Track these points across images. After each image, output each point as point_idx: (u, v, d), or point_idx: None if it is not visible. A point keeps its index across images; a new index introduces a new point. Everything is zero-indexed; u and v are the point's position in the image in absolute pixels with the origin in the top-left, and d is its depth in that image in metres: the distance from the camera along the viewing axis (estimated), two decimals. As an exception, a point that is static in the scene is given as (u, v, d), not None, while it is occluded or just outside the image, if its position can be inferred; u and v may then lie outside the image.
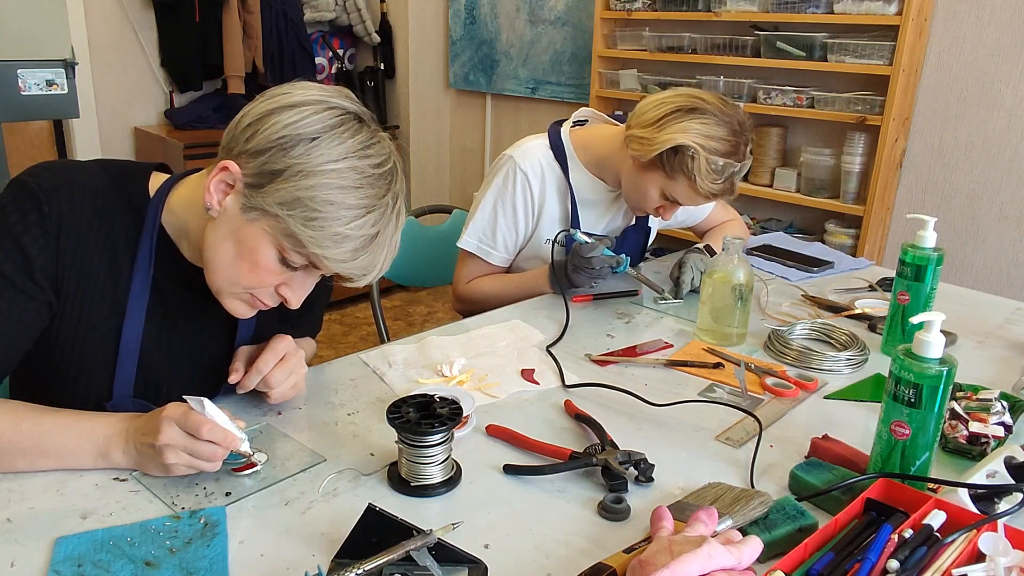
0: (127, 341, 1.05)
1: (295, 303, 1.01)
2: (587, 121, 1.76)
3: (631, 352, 1.36)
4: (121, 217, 1.03)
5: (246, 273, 0.97)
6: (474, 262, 1.73)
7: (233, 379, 1.08)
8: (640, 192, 1.58)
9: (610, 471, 0.95)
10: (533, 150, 1.67)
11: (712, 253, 1.71)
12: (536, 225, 1.69)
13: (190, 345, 1.12)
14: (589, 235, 1.55)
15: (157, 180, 1.08)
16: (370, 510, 0.81)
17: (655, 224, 1.83)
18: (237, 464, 0.97)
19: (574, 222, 1.67)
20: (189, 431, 0.89)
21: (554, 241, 1.62)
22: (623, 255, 1.54)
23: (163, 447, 0.89)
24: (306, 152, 0.92)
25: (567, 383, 1.23)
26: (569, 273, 1.54)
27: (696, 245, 1.75)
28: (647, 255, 1.96)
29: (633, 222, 1.78)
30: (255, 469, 0.97)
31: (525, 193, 1.66)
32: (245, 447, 0.93)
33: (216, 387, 1.15)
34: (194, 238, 1.04)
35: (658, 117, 1.50)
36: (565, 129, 1.71)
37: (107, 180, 1.04)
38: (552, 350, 1.35)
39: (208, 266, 1.01)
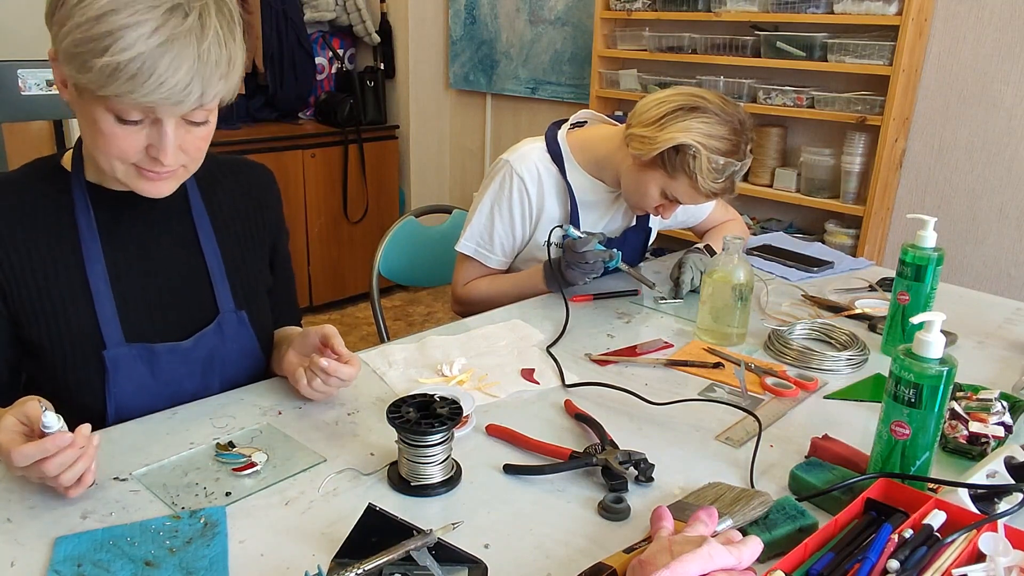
0: (97, 288, 1.07)
1: (167, 160, 0.98)
2: (586, 123, 1.76)
3: (631, 352, 1.36)
4: (45, 194, 1.08)
5: (104, 147, 0.97)
6: (472, 265, 1.73)
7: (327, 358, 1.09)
8: (640, 191, 1.58)
9: (610, 471, 0.95)
10: (529, 154, 1.67)
11: (712, 253, 1.71)
12: (535, 228, 1.69)
13: (165, 284, 1.14)
14: (582, 231, 1.55)
15: (69, 154, 1.12)
16: (370, 510, 0.81)
17: (655, 224, 1.83)
18: (237, 464, 0.97)
19: (574, 223, 1.67)
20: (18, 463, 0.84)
21: (548, 241, 1.62)
22: (615, 250, 1.54)
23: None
24: (63, 3, 0.90)
25: (567, 383, 1.23)
26: (564, 270, 1.54)
27: (696, 245, 1.75)
28: (647, 255, 1.96)
29: (633, 223, 1.78)
30: (255, 469, 0.97)
31: (522, 197, 1.66)
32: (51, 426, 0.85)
33: (207, 318, 1.16)
34: None
35: (659, 116, 1.50)
36: (562, 131, 1.71)
37: (19, 174, 1.10)
38: (552, 350, 1.35)
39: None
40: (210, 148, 1.06)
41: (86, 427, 0.86)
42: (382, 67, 4.07)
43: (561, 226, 1.55)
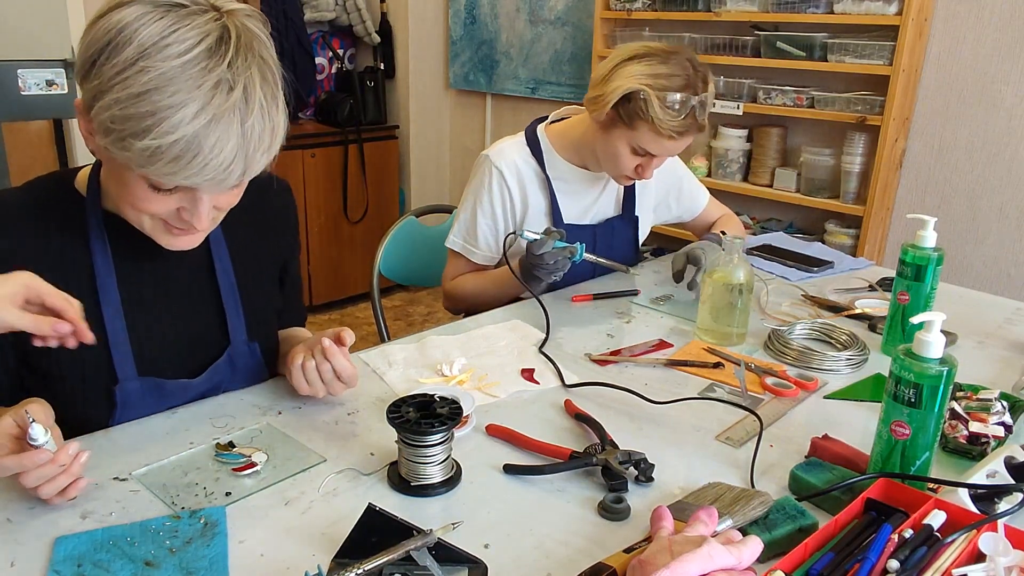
0: (111, 323, 1.05)
1: (201, 226, 0.95)
2: (572, 117, 1.76)
3: (631, 352, 1.36)
4: (59, 222, 1.03)
5: (132, 205, 0.94)
6: (460, 260, 1.75)
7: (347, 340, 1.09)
8: (612, 154, 1.58)
9: (610, 471, 0.95)
10: (508, 148, 1.69)
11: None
12: (522, 221, 1.69)
13: (178, 314, 1.12)
14: (537, 231, 1.51)
15: (84, 175, 1.07)
16: (370, 510, 0.81)
17: (643, 215, 1.82)
18: (237, 464, 0.97)
19: (555, 214, 1.68)
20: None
21: (504, 248, 1.62)
22: (576, 244, 1.51)
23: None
24: (99, 69, 0.84)
25: (569, 382, 1.23)
26: (531, 272, 1.52)
27: (710, 234, 1.74)
28: (646, 254, 1.96)
29: (621, 211, 1.78)
30: (255, 469, 0.97)
31: (502, 191, 1.67)
32: (41, 441, 0.85)
33: (219, 349, 1.15)
34: None
35: (605, 73, 1.52)
36: (542, 126, 1.73)
37: (30, 196, 1.04)
38: (552, 349, 1.35)
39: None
40: None
41: (73, 446, 0.85)
42: (382, 67, 4.06)
43: (514, 232, 1.53)
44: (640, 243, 1.87)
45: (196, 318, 1.14)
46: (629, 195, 1.78)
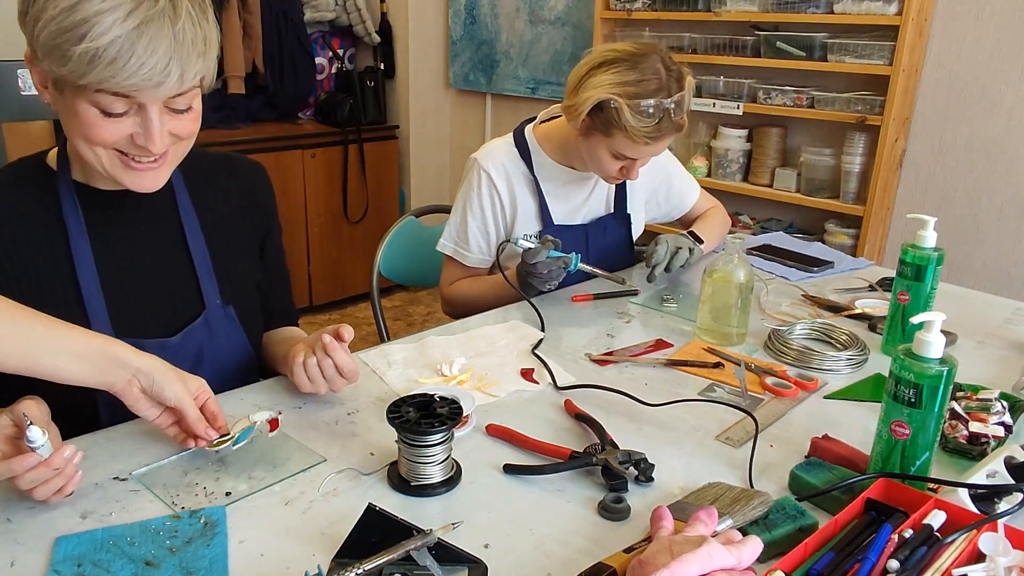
0: (87, 286, 1.08)
1: (155, 148, 0.99)
2: (561, 117, 1.76)
3: (631, 352, 1.36)
4: (32, 194, 1.09)
5: (86, 138, 0.97)
6: (454, 265, 1.75)
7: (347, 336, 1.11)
8: (594, 159, 1.58)
9: (610, 471, 0.95)
10: (496, 150, 1.69)
11: (698, 239, 1.72)
12: (512, 223, 1.69)
13: (152, 277, 1.15)
14: (532, 240, 1.52)
15: (54, 152, 1.13)
16: (370, 510, 0.81)
17: (636, 212, 1.82)
18: (242, 441, 0.98)
19: (545, 216, 1.68)
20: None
21: (497, 255, 1.61)
22: (572, 254, 1.51)
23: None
24: None
25: (562, 384, 1.22)
26: (525, 279, 1.52)
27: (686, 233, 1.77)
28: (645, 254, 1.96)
29: (612, 210, 1.78)
30: (279, 422, 1.00)
31: (491, 193, 1.67)
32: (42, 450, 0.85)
33: (194, 313, 1.17)
34: None
35: (576, 82, 1.51)
36: (530, 126, 1.73)
37: (5, 176, 1.11)
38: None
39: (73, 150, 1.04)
40: (209, 148, 1.06)
41: (69, 450, 0.86)
42: (382, 67, 4.06)
43: (509, 240, 1.53)
44: (634, 241, 1.86)
45: (170, 281, 1.17)
46: (620, 193, 1.78)
